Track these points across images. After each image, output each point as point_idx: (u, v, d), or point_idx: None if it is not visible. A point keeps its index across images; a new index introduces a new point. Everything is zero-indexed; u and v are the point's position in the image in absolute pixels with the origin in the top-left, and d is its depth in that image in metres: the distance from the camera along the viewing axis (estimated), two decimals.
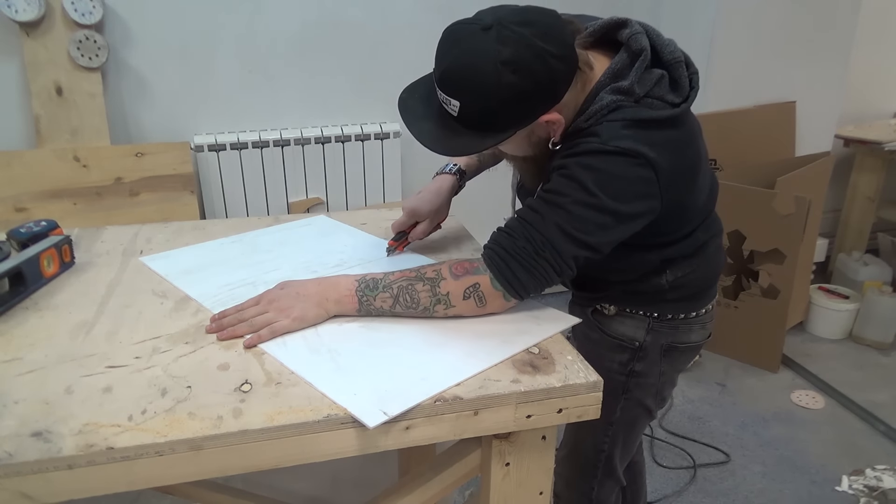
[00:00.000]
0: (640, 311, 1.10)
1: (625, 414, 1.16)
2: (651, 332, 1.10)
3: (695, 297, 1.11)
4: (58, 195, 2.08)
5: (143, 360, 0.82)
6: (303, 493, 1.64)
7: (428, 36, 2.43)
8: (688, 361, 1.20)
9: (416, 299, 0.91)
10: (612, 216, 0.89)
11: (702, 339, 1.16)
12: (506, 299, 0.91)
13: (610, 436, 1.18)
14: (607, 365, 1.11)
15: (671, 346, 1.12)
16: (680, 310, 1.10)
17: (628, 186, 0.89)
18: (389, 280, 0.92)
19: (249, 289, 1.00)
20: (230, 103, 2.31)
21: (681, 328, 1.11)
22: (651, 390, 1.15)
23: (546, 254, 0.89)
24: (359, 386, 0.77)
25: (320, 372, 0.80)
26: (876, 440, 2.08)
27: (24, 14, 1.94)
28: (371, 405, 0.73)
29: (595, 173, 0.88)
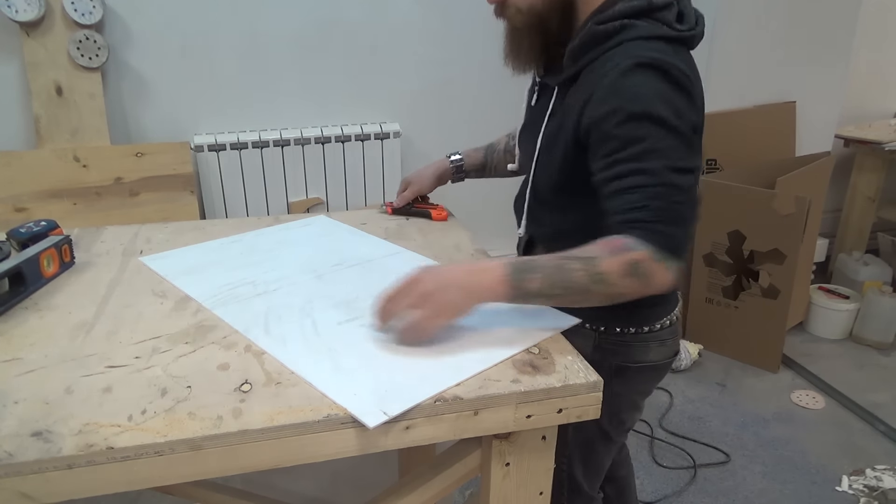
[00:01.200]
0: (587, 323, 1.02)
1: (578, 434, 1.10)
2: (599, 350, 1.03)
3: (644, 306, 0.99)
4: (58, 195, 2.08)
5: (143, 360, 0.82)
6: (303, 493, 1.64)
7: (428, 36, 2.44)
8: (650, 382, 1.12)
9: (570, 279, 0.84)
10: (689, 130, 0.86)
11: (662, 358, 1.07)
12: (668, 269, 0.84)
13: (567, 456, 1.12)
14: None
15: (622, 366, 1.04)
16: (628, 322, 1.03)
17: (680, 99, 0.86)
18: (542, 260, 0.85)
19: (249, 288, 1.01)
20: (230, 103, 2.31)
21: (634, 345, 1.04)
22: (604, 412, 1.04)
23: (677, 197, 0.85)
24: (358, 386, 0.77)
25: (320, 371, 0.79)
26: (876, 440, 2.08)
27: (24, 14, 1.94)
28: (371, 405, 0.73)
29: (647, 101, 0.84)
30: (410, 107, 2.52)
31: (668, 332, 1.06)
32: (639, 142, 0.85)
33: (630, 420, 1.13)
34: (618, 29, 0.89)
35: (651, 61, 0.85)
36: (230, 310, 0.95)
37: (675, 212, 0.85)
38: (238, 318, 0.92)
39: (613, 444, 1.15)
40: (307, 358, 0.83)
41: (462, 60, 2.52)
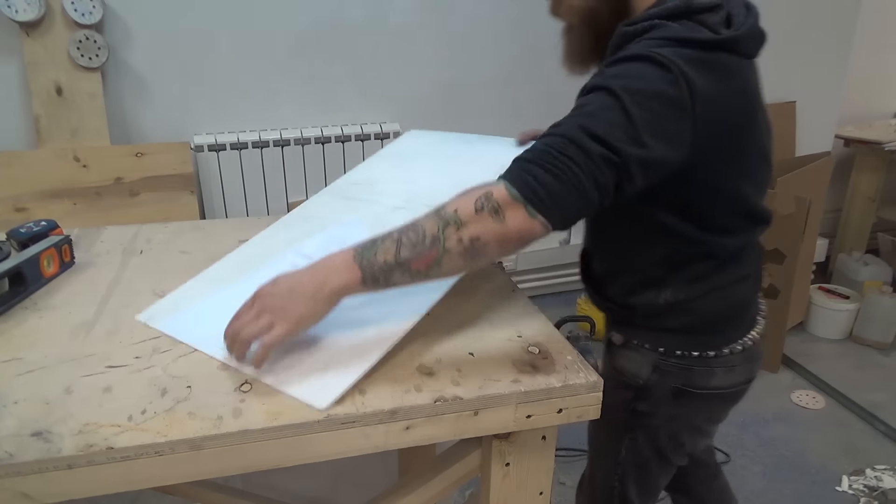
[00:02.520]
0: (646, 343, 0.98)
1: (631, 455, 1.06)
2: (657, 371, 0.98)
3: (709, 332, 0.96)
4: (58, 195, 2.08)
5: (143, 360, 0.82)
6: (303, 493, 1.64)
7: (428, 36, 2.44)
8: (717, 410, 1.05)
9: (421, 233, 0.75)
10: (648, 122, 0.76)
11: (728, 385, 0.99)
12: (529, 214, 0.74)
13: (619, 474, 1.09)
14: (611, 401, 0.99)
15: (682, 390, 0.98)
16: (690, 346, 0.96)
17: (661, 102, 0.77)
18: (389, 231, 0.77)
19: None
20: (230, 103, 2.31)
21: (696, 370, 0.97)
22: (659, 433, 1.03)
23: (570, 150, 0.74)
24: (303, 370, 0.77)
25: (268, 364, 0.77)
26: (876, 440, 2.08)
27: (24, 14, 1.94)
28: (320, 388, 0.73)
29: (622, 79, 0.78)
30: (410, 107, 2.52)
31: (739, 357, 0.98)
32: (582, 105, 0.80)
33: (692, 444, 1.07)
34: (646, 29, 0.84)
35: (650, 55, 0.79)
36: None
37: (560, 163, 0.74)
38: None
39: (671, 465, 1.10)
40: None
41: (462, 61, 2.52)
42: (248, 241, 1.10)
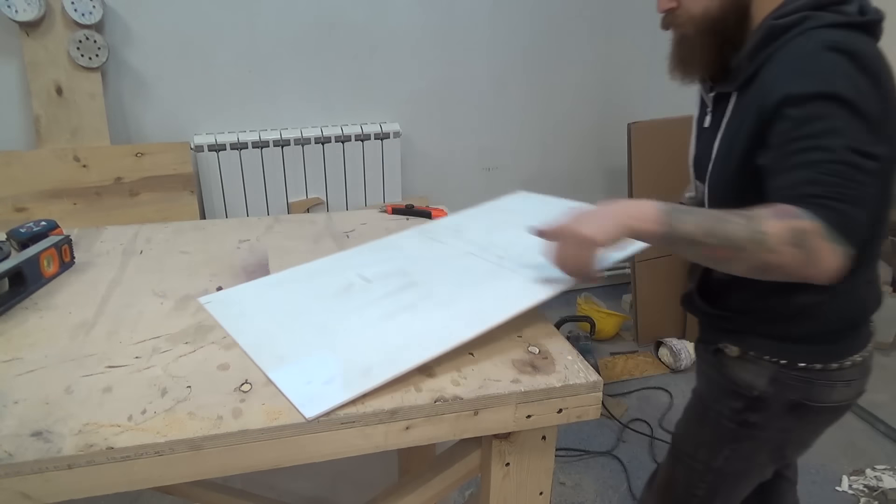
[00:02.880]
0: (766, 355, 0.95)
1: (728, 465, 1.04)
2: (775, 383, 0.95)
3: (832, 341, 0.93)
4: (58, 195, 2.08)
5: (143, 360, 0.82)
6: (303, 493, 1.64)
7: (428, 36, 2.44)
8: (827, 424, 1.02)
9: (727, 230, 0.77)
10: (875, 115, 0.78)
11: (845, 399, 0.97)
12: (837, 253, 0.75)
13: (707, 482, 1.07)
14: (718, 408, 1.02)
15: (801, 404, 0.95)
16: (814, 357, 0.94)
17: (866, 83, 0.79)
18: (696, 210, 0.81)
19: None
20: (230, 103, 2.31)
21: (817, 383, 0.94)
22: (766, 446, 1.01)
23: (857, 177, 0.76)
24: (314, 374, 0.77)
25: (274, 358, 0.80)
26: (876, 440, 2.08)
27: (24, 14, 1.94)
28: (315, 396, 0.73)
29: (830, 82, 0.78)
30: (410, 107, 2.52)
31: (858, 370, 0.96)
32: (818, 120, 0.78)
33: (792, 457, 1.07)
34: (798, 21, 0.85)
35: (837, 45, 0.80)
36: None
37: (853, 191, 0.76)
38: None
39: (762, 478, 1.08)
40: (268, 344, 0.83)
41: (462, 61, 2.52)
42: (327, 257, 1.12)
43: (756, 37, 0.88)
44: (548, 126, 2.75)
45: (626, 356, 2.54)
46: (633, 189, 2.41)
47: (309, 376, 0.77)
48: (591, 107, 2.78)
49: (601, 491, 1.86)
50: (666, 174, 2.43)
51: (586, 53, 2.68)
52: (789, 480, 1.24)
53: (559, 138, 2.78)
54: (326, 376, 0.76)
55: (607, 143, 2.83)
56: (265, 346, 0.84)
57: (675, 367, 2.44)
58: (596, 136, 2.83)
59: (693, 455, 1.09)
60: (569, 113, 2.75)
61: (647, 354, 2.54)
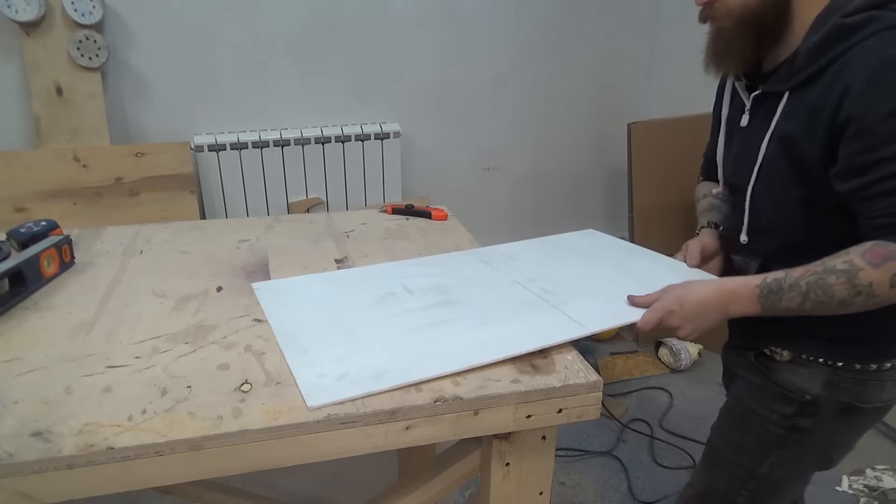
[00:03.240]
0: (821, 358, 0.94)
1: (774, 471, 1.01)
2: (829, 387, 0.93)
3: (888, 339, 0.92)
4: (58, 195, 2.08)
5: (143, 360, 0.82)
6: (303, 493, 1.64)
7: (428, 36, 2.44)
8: (873, 423, 1.01)
9: (830, 294, 0.82)
10: None
11: (893, 398, 0.96)
12: None
13: (749, 490, 1.04)
14: (764, 414, 0.99)
15: (853, 406, 0.94)
16: (869, 357, 0.92)
17: None
18: (794, 278, 0.85)
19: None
20: (230, 103, 2.31)
21: (869, 384, 0.93)
22: (815, 451, 0.99)
23: None
24: (330, 369, 0.79)
25: (299, 347, 0.84)
26: (876, 440, 2.08)
27: (24, 14, 1.94)
28: (323, 388, 0.75)
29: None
30: (410, 107, 2.52)
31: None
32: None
33: (838, 460, 1.03)
34: (866, 21, 0.82)
35: None
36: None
37: None
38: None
39: (805, 482, 1.07)
40: (296, 332, 0.88)
41: (462, 61, 2.52)
42: (382, 264, 1.14)
43: (819, 35, 0.85)
44: (548, 126, 2.75)
45: (626, 356, 2.54)
46: (632, 189, 2.41)
47: (323, 370, 0.79)
48: (591, 107, 2.78)
49: (601, 491, 1.86)
50: (666, 174, 2.43)
51: (586, 53, 2.68)
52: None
53: (559, 138, 2.78)
54: (339, 373, 0.78)
55: (607, 143, 2.83)
56: (295, 336, 0.88)
57: (675, 367, 2.44)
58: (596, 136, 2.83)
59: (734, 461, 1.06)
60: (569, 113, 2.75)
61: (647, 354, 2.54)
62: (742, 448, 1.05)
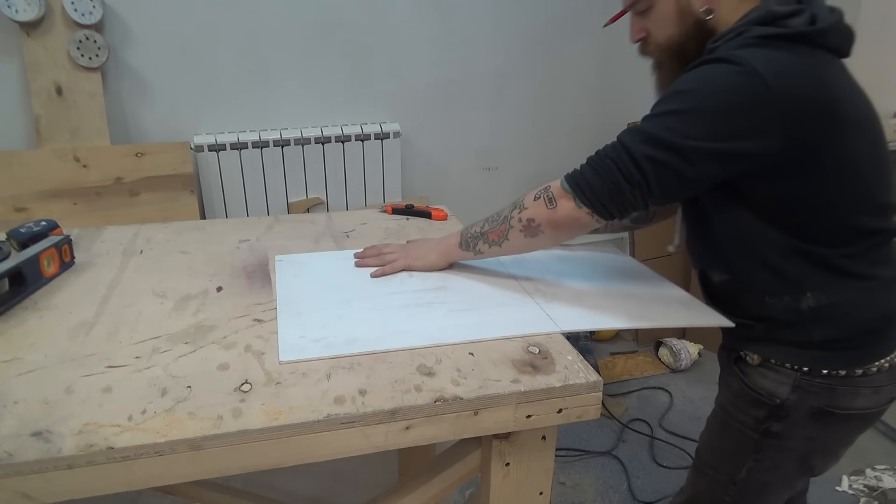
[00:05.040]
0: (788, 363, 0.94)
1: (752, 476, 1.02)
2: (798, 391, 0.94)
3: (855, 347, 0.91)
4: (58, 195, 2.08)
5: (143, 360, 0.82)
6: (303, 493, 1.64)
7: (428, 36, 2.44)
8: (856, 431, 1.00)
9: (500, 212, 1.00)
10: (704, 116, 0.82)
11: (873, 406, 0.94)
12: (576, 204, 0.90)
13: (731, 496, 1.05)
14: (741, 418, 1.00)
15: (825, 411, 0.94)
16: (837, 363, 0.92)
17: (729, 97, 0.81)
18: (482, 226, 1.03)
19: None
20: (230, 103, 2.31)
21: (839, 389, 0.92)
22: (791, 455, 0.99)
23: (614, 154, 0.87)
24: (312, 332, 0.87)
25: (292, 311, 0.93)
26: (876, 440, 2.08)
27: (24, 14, 1.94)
28: (296, 346, 0.83)
29: (692, 83, 0.84)
30: (410, 107, 2.52)
31: (886, 376, 0.93)
32: (652, 110, 0.88)
33: (821, 468, 1.03)
34: (732, 38, 0.87)
35: (718, 58, 0.84)
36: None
37: (602, 163, 0.89)
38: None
39: (790, 490, 1.07)
40: (299, 298, 0.98)
41: (462, 60, 2.52)
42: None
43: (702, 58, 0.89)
44: (548, 126, 2.75)
45: (626, 356, 2.54)
46: None
47: (305, 332, 0.88)
48: (591, 106, 2.78)
49: (601, 491, 1.86)
50: None
51: (586, 53, 2.68)
52: (799, 491, 1.21)
53: (559, 138, 2.78)
54: (318, 336, 0.87)
55: (607, 143, 2.83)
56: (292, 302, 0.97)
57: (675, 367, 2.44)
58: (596, 135, 2.83)
59: (716, 467, 1.07)
60: (569, 113, 2.75)
61: (647, 354, 2.54)
62: (722, 454, 1.06)
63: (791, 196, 0.87)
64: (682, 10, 0.93)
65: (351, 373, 0.79)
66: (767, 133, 0.82)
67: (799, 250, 0.89)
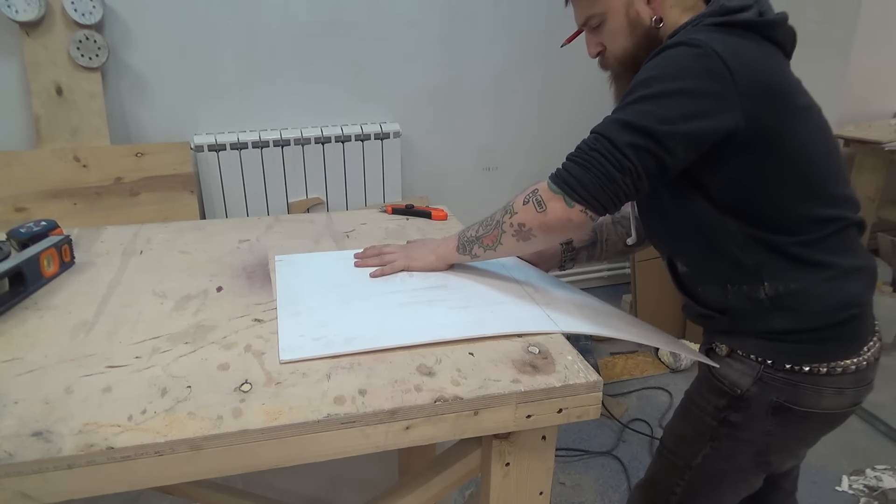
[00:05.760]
0: (752, 354, 0.95)
1: (707, 464, 1.03)
2: (759, 383, 0.94)
3: (818, 340, 0.91)
4: (58, 195, 2.08)
5: (143, 360, 0.82)
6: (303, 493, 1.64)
7: (428, 36, 2.44)
8: (816, 431, 1.00)
9: (492, 217, 0.99)
10: (674, 98, 0.84)
11: (836, 407, 0.94)
12: (567, 204, 0.88)
13: (685, 480, 1.06)
14: (701, 404, 1.02)
15: (784, 406, 0.94)
16: (799, 358, 0.92)
17: (694, 76, 0.84)
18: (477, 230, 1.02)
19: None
20: (230, 103, 2.31)
21: (802, 387, 0.92)
22: (747, 448, 0.99)
23: (598, 145, 0.86)
24: (311, 331, 0.87)
25: (292, 310, 0.93)
26: (876, 440, 2.08)
27: (24, 14, 1.94)
28: (298, 347, 0.83)
29: (655, 69, 0.86)
30: (410, 107, 2.52)
31: (851, 378, 0.92)
32: (620, 103, 0.88)
33: (777, 465, 1.03)
34: (688, 28, 0.92)
35: (678, 42, 0.87)
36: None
37: (588, 156, 0.87)
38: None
39: (744, 485, 1.05)
40: (297, 297, 0.98)
41: (462, 60, 2.52)
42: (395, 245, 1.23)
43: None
44: (548, 126, 2.75)
45: (626, 356, 2.54)
46: None
47: (305, 331, 0.88)
48: (591, 107, 2.77)
49: (601, 491, 1.86)
50: None
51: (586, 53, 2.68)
52: (785, 491, 1.21)
53: (559, 138, 2.78)
54: (317, 335, 0.86)
55: None
56: (292, 302, 0.97)
57: (674, 367, 2.44)
58: None
59: (674, 451, 1.09)
60: (569, 113, 2.75)
61: (647, 354, 2.54)
62: (682, 438, 1.08)
63: (746, 183, 0.89)
64: (632, 23, 0.97)
65: (351, 373, 0.79)
66: (730, 112, 0.84)
67: (754, 238, 0.91)
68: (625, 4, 0.96)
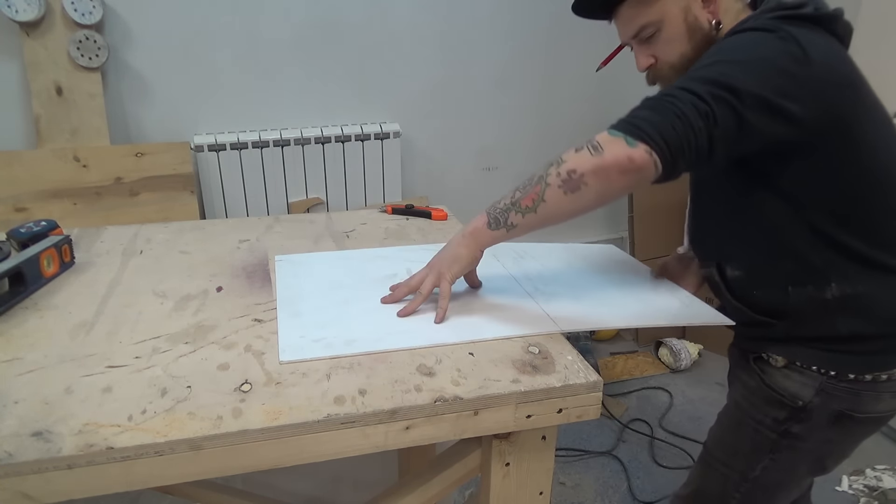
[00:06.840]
0: (814, 365, 0.92)
1: (766, 475, 1.01)
2: (822, 394, 0.92)
3: (882, 350, 0.90)
4: (58, 195, 2.08)
5: (143, 360, 0.82)
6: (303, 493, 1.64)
7: (428, 36, 2.44)
8: (869, 433, 1.00)
9: (531, 176, 0.85)
10: (755, 66, 0.80)
11: (892, 409, 0.94)
12: (628, 143, 0.78)
13: (742, 493, 1.04)
14: (758, 417, 0.99)
15: (845, 415, 0.93)
16: (864, 367, 0.90)
17: (772, 54, 0.80)
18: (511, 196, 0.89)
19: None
20: (230, 103, 2.31)
21: (864, 394, 0.91)
22: (807, 457, 0.99)
23: (675, 91, 0.79)
24: (312, 332, 0.87)
25: (292, 311, 0.93)
26: (876, 440, 2.08)
27: (24, 14, 1.94)
28: (299, 348, 0.83)
29: (729, 48, 0.83)
30: (410, 107, 2.52)
31: None
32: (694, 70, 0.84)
33: (832, 467, 1.03)
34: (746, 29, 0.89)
35: (755, 26, 0.85)
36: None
37: (659, 102, 0.80)
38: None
39: (799, 488, 1.06)
40: (300, 300, 0.97)
41: (462, 60, 2.52)
42: (398, 247, 1.23)
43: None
44: (548, 126, 2.75)
45: (626, 356, 2.54)
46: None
47: (305, 332, 0.88)
48: (591, 107, 2.78)
49: (601, 491, 1.86)
50: None
51: (586, 53, 2.68)
52: (804, 488, 1.20)
53: (559, 138, 2.78)
54: (317, 336, 0.86)
55: None
56: (292, 302, 0.97)
57: (675, 367, 2.44)
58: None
59: (728, 464, 1.06)
60: (569, 113, 2.75)
61: (647, 354, 2.54)
62: (736, 451, 1.05)
63: (820, 177, 0.86)
64: (690, 28, 0.93)
65: (351, 373, 0.79)
66: (806, 98, 0.81)
67: (825, 236, 0.87)
68: (683, 9, 0.92)
